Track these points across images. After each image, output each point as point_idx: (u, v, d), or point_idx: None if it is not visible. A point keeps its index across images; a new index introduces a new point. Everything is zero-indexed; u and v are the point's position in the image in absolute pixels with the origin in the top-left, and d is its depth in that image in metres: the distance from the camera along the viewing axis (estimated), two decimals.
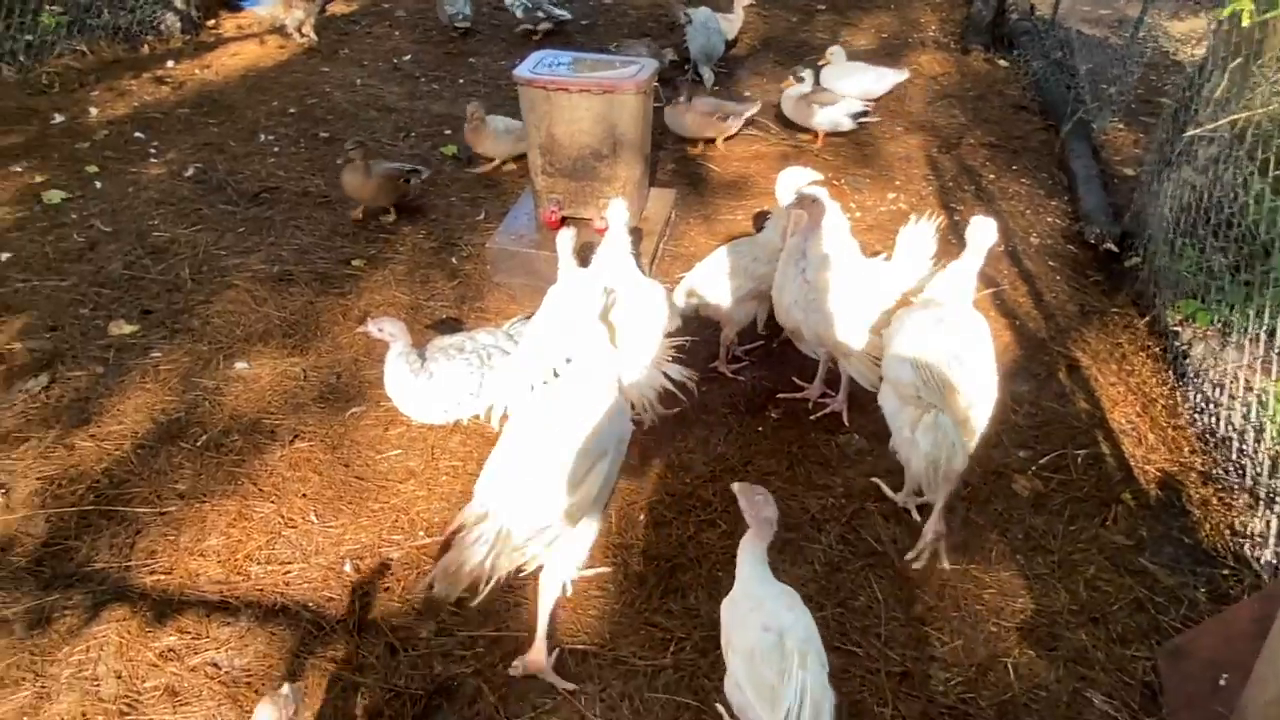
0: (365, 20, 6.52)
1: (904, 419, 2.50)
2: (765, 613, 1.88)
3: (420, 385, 2.81)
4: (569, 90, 3.48)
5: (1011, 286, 3.81)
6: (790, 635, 1.83)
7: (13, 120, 4.84)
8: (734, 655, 1.89)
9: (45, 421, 2.97)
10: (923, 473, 2.49)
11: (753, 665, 1.83)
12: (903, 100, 5.43)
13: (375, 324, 2.80)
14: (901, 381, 2.46)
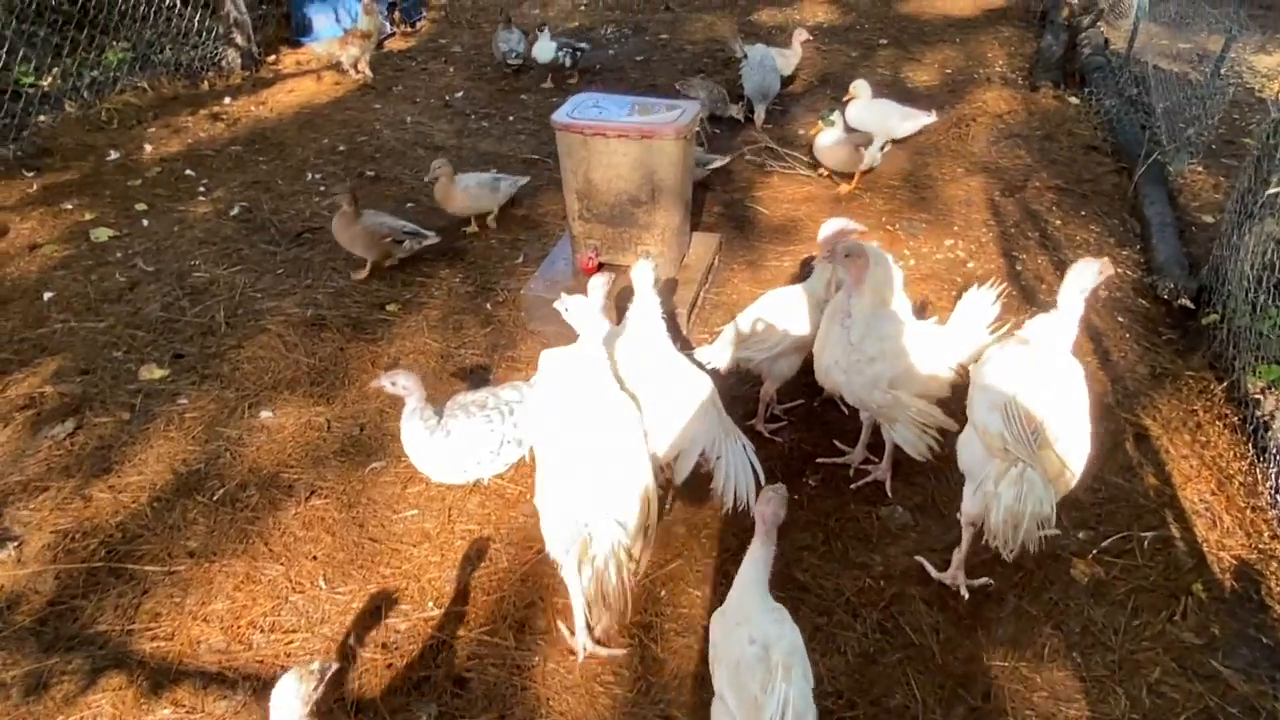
0: (421, 56, 6.55)
1: (988, 470, 2.33)
2: (752, 625, 1.87)
3: (436, 443, 2.70)
4: (606, 135, 3.37)
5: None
6: (775, 648, 1.82)
7: (70, 157, 4.93)
8: (719, 668, 1.91)
9: (66, 470, 2.94)
10: (1000, 527, 2.30)
11: (737, 676, 1.83)
12: (965, 140, 5.20)
13: (389, 377, 2.69)
14: (989, 431, 2.29)
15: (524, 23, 6.85)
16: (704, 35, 6.82)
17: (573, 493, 2.23)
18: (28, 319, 3.65)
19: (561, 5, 7.57)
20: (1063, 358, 2.41)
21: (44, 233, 4.24)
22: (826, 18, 7.24)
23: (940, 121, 5.40)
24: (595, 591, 2.21)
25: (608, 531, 2.19)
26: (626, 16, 7.27)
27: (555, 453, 2.31)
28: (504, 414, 2.80)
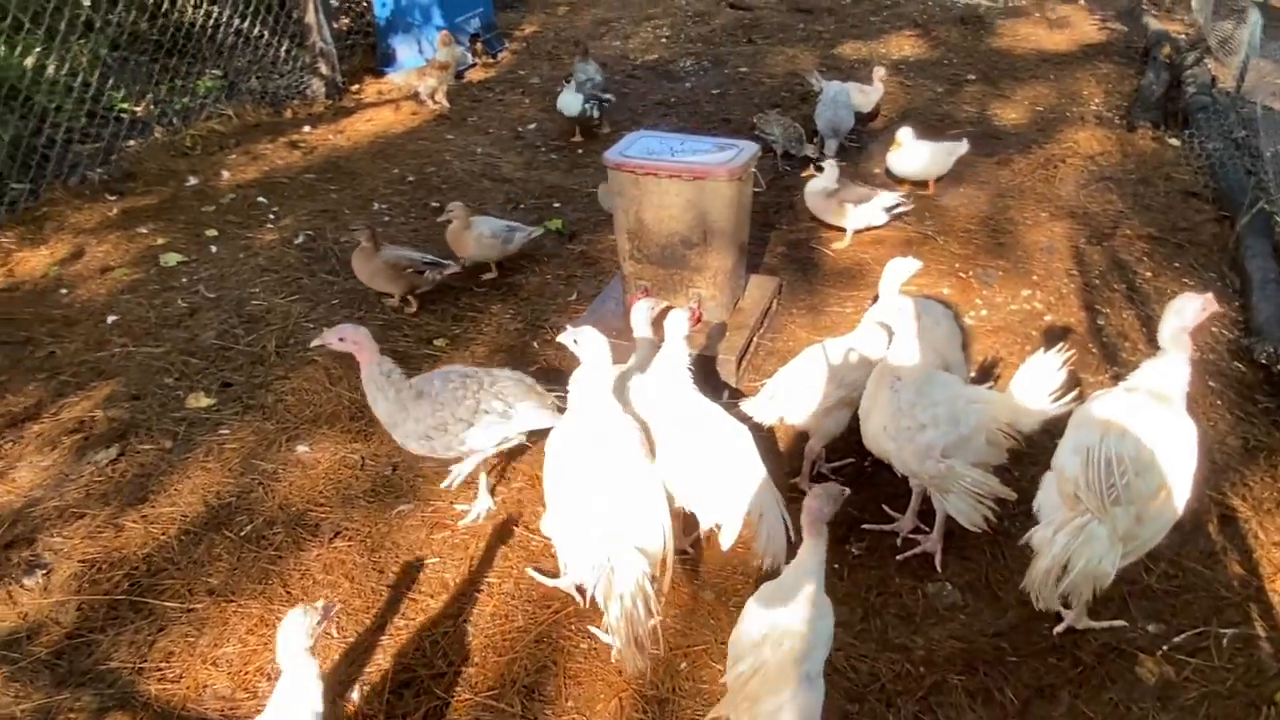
0: (499, 87, 6.58)
1: (1053, 516, 2.22)
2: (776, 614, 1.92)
3: (403, 401, 2.64)
4: (658, 175, 3.27)
5: None
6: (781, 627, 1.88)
7: (152, 182, 5.08)
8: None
9: (104, 498, 2.96)
10: (1040, 576, 2.21)
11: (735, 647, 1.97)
12: (1051, 182, 4.93)
13: (335, 333, 2.62)
14: (1065, 474, 2.21)
15: (603, 54, 6.85)
16: (784, 69, 6.69)
17: (590, 519, 2.22)
18: (89, 342, 3.73)
19: (643, 37, 7.55)
20: (1172, 410, 2.21)
21: (117, 256, 4.36)
22: (913, 52, 7.02)
23: (1026, 162, 5.16)
24: (627, 633, 2.14)
25: (632, 563, 2.15)
26: (707, 49, 7.20)
27: (568, 476, 2.31)
28: (483, 383, 2.71)
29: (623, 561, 2.16)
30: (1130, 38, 7.03)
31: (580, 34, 7.52)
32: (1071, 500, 2.17)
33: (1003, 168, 5.12)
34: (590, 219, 4.65)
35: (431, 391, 2.67)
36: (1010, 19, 7.66)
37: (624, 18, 8.05)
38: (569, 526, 2.30)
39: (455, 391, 2.68)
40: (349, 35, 7.08)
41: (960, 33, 7.34)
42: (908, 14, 7.87)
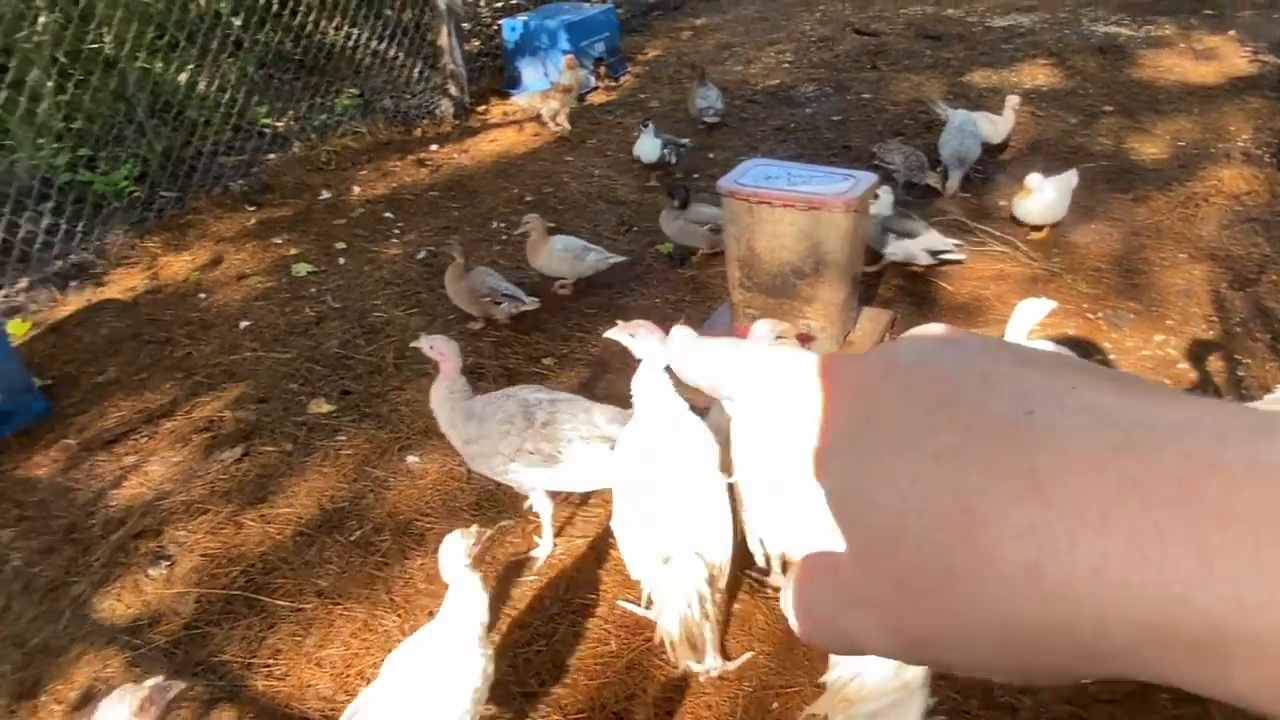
0: (619, 110, 6.68)
1: None
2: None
3: (455, 417, 2.69)
4: (771, 204, 3.25)
5: None
6: None
7: (288, 194, 5.34)
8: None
9: (227, 495, 3.11)
10: None
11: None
12: (1191, 221, 4.68)
13: (429, 340, 2.70)
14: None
15: (724, 79, 6.87)
16: (909, 96, 6.57)
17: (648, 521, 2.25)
18: (224, 345, 3.94)
19: (765, 62, 7.54)
20: None
21: (253, 264, 4.60)
22: (1046, 81, 6.79)
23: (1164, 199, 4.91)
24: (681, 633, 2.21)
25: (691, 567, 2.19)
26: (830, 74, 7.13)
27: (632, 478, 2.33)
28: (534, 420, 2.62)
29: (681, 564, 2.19)
30: None
31: (702, 58, 7.56)
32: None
33: (1139, 204, 4.89)
34: None
35: (481, 416, 2.66)
36: (1152, 49, 7.32)
37: (747, 42, 8.06)
38: (630, 527, 2.31)
39: (500, 425, 2.63)
40: (478, 57, 7.31)
41: (1098, 62, 7.06)
42: (1042, 42, 7.62)
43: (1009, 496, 0.27)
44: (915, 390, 0.31)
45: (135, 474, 3.22)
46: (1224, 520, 0.23)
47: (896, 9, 8.90)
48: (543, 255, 4.07)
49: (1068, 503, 0.26)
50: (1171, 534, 0.24)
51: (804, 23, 8.61)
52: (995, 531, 0.27)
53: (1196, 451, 0.25)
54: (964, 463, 0.28)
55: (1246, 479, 0.24)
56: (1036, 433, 0.27)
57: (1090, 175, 5.20)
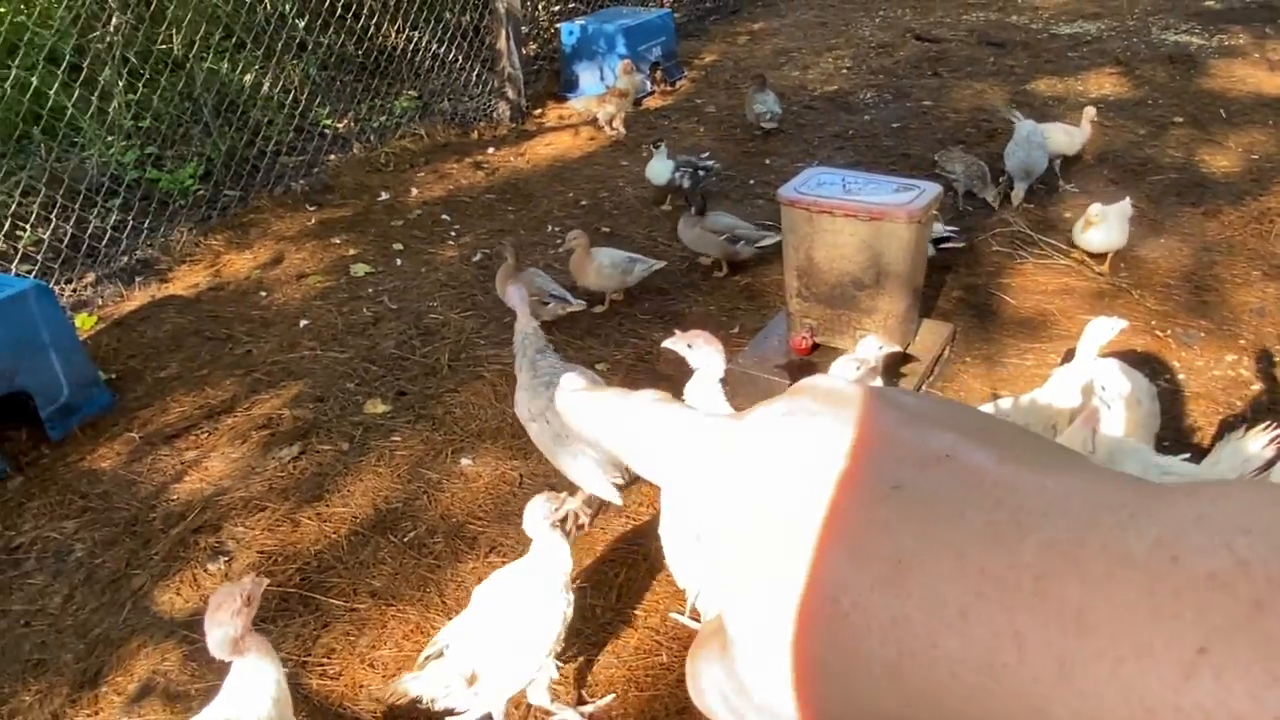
0: (675, 115, 6.66)
1: None
2: None
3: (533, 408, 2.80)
4: (833, 214, 3.21)
5: None
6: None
7: (348, 194, 5.41)
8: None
9: (284, 493, 3.15)
10: None
11: None
12: (1266, 238, 4.53)
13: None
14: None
15: (781, 85, 6.82)
16: (970, 104, 6.46)
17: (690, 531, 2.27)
18: (283, 343, 4.00)
19: (823, 68, 7.47)
20: None
21: (312, 263, 4.66)
22: (1114, 90, 6.63)
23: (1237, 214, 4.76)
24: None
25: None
26: (889, 81, 7.04)
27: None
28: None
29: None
30: None
31: (760, 63, 7.51)
32: None
33: (1210, 219, 4.74)
34: (758, 252, 4.61)
35: (534, 370, 2.81)
36: (1224, 59, 7.12)
37: (805, 48, 8.00)
38: (674, 536, 2.33)
39: (534, 380, 2.80)
40: (535, 61, 7.35)
41: (1168, 72, 6.88)
42: (1110, 50, 7.44)
43: (872, 586, 0.25)
44: (785, 459, 0.29)
45: (195, 469, 3.28)
46: (1083, 627, 0.22)
47: (958, 15, 8.77)
48: (590, 271, 4.04)
49: (927, 597, 0.24)
50: (1029, 640, 0.22)
51: (863, 28, 8.52)
52: (859, 625, 0.25)
53: (1058, 542, 0.23)
54: (831, 548, 0.27)
55: (1107, 579, 0.22)
56: (902, 511, 0.26)
57: (1159, 188, 5.07)
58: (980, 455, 0.26)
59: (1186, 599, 0.21)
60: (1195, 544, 0.21)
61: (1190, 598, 0.21)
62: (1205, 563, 0.21)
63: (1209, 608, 0.20)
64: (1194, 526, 0.22)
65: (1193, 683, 0.20)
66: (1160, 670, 0.20)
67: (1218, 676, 0.20)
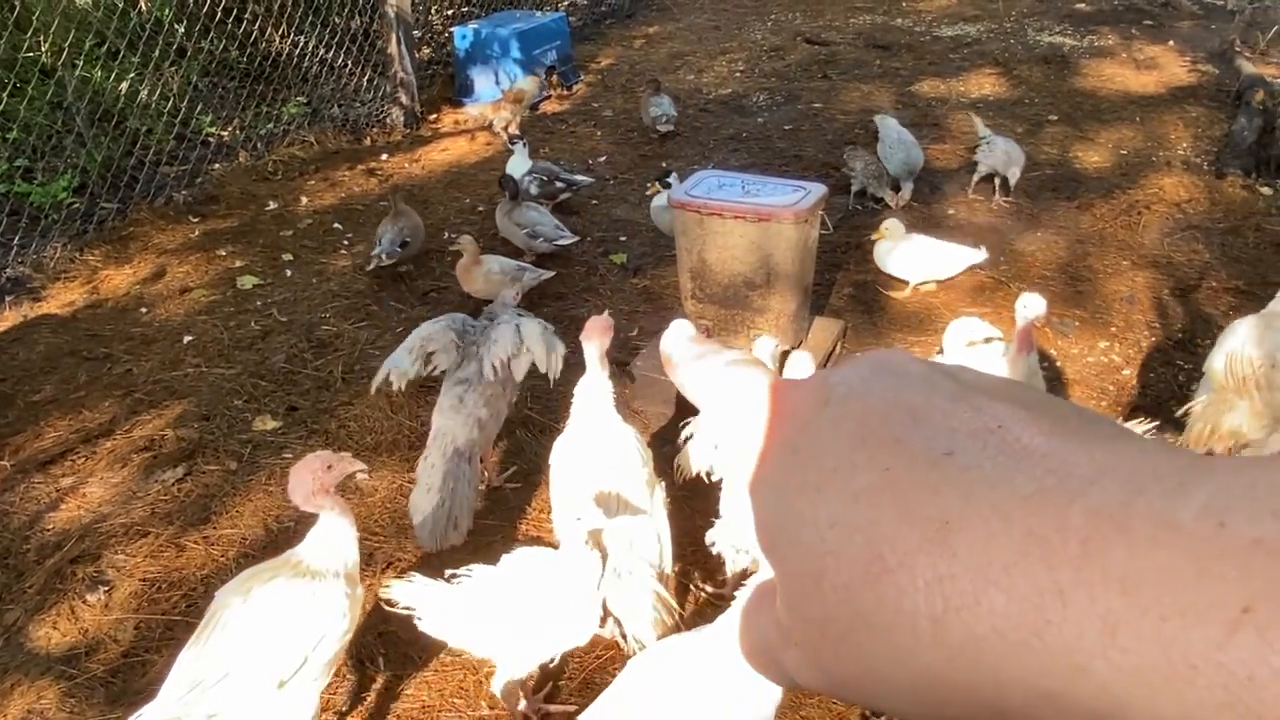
0: (572, 119, 6.66)
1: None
2: None
3: None
4: (722, 215, 3.25)
5: None
6: None
7: (234, 204, 5.24)
8: None
9: (168, 517, 3.03)
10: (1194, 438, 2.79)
11: None
12: (1134, 229, 4.78)
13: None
14: (1213, 370, 2.76)
15: (677, 88, 6.88)
16: (859, 105, 6.63)
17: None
18: (165, 361, 3.85)
19: (718, 72, 7.57)
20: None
21: (196, 277, 4.50)
22: (993, 91, 6.90)
23: (1108, 207, 5.01)
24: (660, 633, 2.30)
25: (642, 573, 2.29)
26: (781, 84, 7.18)
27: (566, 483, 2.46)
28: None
29: (632, 572, 2.26)
30: (1221, 81, 6.79)
31: (655, 67, 7.57)
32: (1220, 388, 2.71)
33: (1083, 212, 4.98)
34: (654, 254, 4.65)
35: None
36: (1095, 59, 7.49)
37: (699, 51, 8.09)
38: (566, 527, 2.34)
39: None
40: (429, 66, 7.25)
41: (1043, 72, 7.20)
42: (989, 52, 7.74)
43: (919, 544, 0.26)
44: (842, 424, 0.30)
45: (72, 496, 3.13)
46: (1127, 587, 0.22)
47: (846, 19, 9.00)
48: (477, 279, 4.01)
49: (973, 555, 0.25)
50: (1074, 597, 0.23)
51: (755, 32, 8.67)
52: (903, 581, 0.26)
53: (1105, 507, 0.24)
54: (879, 506, 0.28)
55: (1153, 543, 0.23)
56: (951, 476, 0.27)
57: (1036, 184, 5.29)
58: (1031, 428, 0.27)
59: (1232, 561, 0.21)
60: (1242, 511, 0.22)
61: (1236, 560, 0.21)
62: (1252, 529, 0.21)
63: (1254, 570, 0.21)
64: (1241, 495, 0.22)
65: (1236, 639, 0.20)
66: (1204, 628, 0.21)
67: (1261, 634, 0.20)
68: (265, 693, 1.88)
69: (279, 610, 1.90)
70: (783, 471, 0.31)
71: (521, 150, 5.16)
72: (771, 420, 0.33)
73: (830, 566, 0.28)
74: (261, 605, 1.90)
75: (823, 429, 0.31)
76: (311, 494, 2.03)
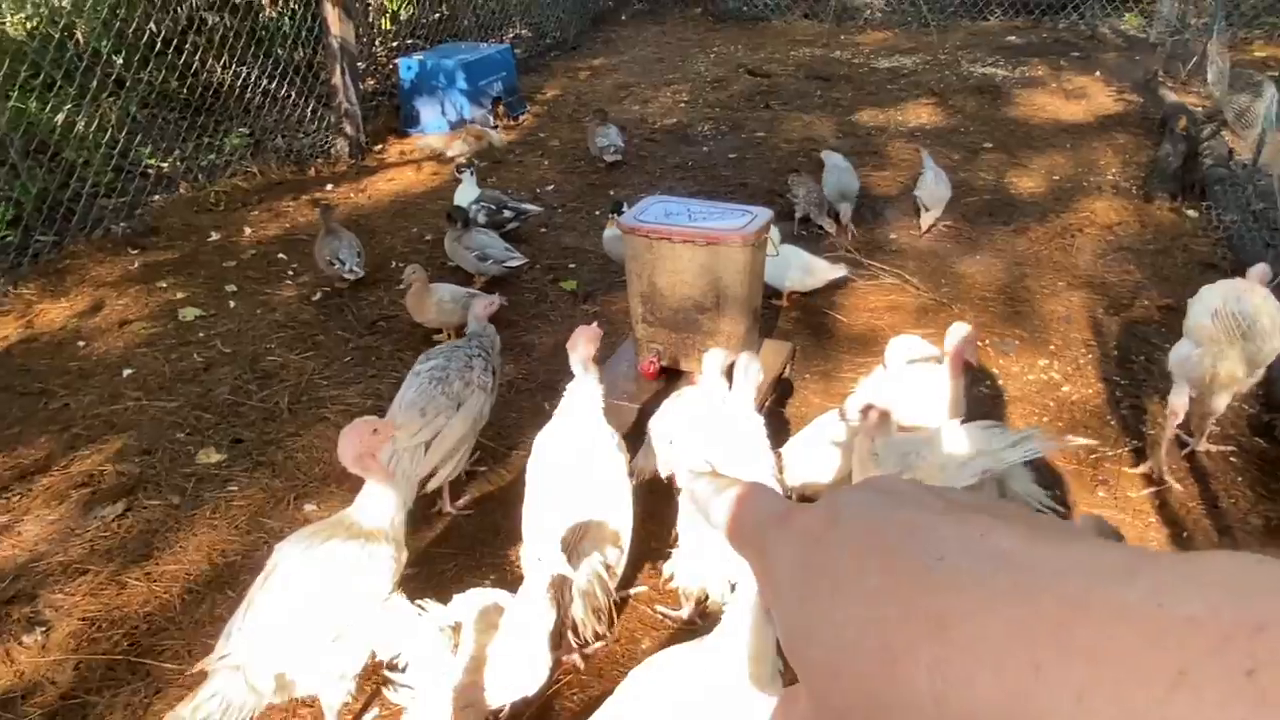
0: (519, 149, 6.68)
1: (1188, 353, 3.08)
2: None
3: None
4: (671, 239, 3.28)
5: (1179, 484, 3.22)
6: None
7: (175, 236, 5.15)
8: None
9: (108, 554, 2.94)
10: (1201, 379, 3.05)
11: None
12: (1069, 251, 4.93)
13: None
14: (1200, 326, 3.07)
15: (623, 118, 6.95)
16: (801, 134, 6.77)
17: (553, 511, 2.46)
18: (104, 395, 3.75)
19: (663, 102, 7.67)
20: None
21: (136, 310, 4.40)
22: (930, 120, 7.09)
23: (1043, 230, 5.16)
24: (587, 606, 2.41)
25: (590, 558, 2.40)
26: (725, 114, 7.30)
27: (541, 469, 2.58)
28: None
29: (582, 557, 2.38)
30: (1146, 109, 7.07)
31: (601, 98, 7.65)
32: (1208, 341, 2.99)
33: (1020, 236, 5.12)
34: (604, 280, 4.67)
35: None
36: (1026, 89, 7.74)
37: (644, 83, 8.20)
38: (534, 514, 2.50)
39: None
40: (374, 96, 7.23)
41: (977, 101, 7.42)
42: (925, 82, 7.96)
43: (921, 635, 0.31)
44: (851, 539, 0.36)
45: (7, 535, 3.02)
46: (1091, 658, 0.27)
47: (787, 51, 9.20)
48: (429, 307, 4.00)
49: (966, 642, 0.30)
50: (1049, 671, 0.27)
51: (699, 64, 8.81)
52: (909, 666, 0.31)
53: (1070, 595, 0.29)
54: (886, 604, 0.33)
55: (1108, 621, 0.27)
56: (945, 578, 0.32)
57: (974, 209, 5.45)
58: (1009, 535, 0.32)
59: (1170, 634, 0.26)
60: (1177, 593, 0.27)
61: (1173, 633, 0.26)
62: (1185, 608, 0.26)
63: (1187, 641, 0.25)
64: (1178, 580, 0.27)
65: (1175, 697, 0.25)
66: (1150, 689, 0.25)
67: (1195, 692, 0.25)
68: (321, 644, 2.05)
69: (334, 567, 2.06)
70: (802, 583, 0.37)
71: (469, 179, 5.16)
72: (781, 540, 0.39)
73: (847, 659, 0.33)
74: (318, 561, 2.07)
75: (834, 544, 0.36)
76: (359, 456, 2.18)
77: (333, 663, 2.09)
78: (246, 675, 2.00)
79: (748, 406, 2.67)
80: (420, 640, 2.08)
